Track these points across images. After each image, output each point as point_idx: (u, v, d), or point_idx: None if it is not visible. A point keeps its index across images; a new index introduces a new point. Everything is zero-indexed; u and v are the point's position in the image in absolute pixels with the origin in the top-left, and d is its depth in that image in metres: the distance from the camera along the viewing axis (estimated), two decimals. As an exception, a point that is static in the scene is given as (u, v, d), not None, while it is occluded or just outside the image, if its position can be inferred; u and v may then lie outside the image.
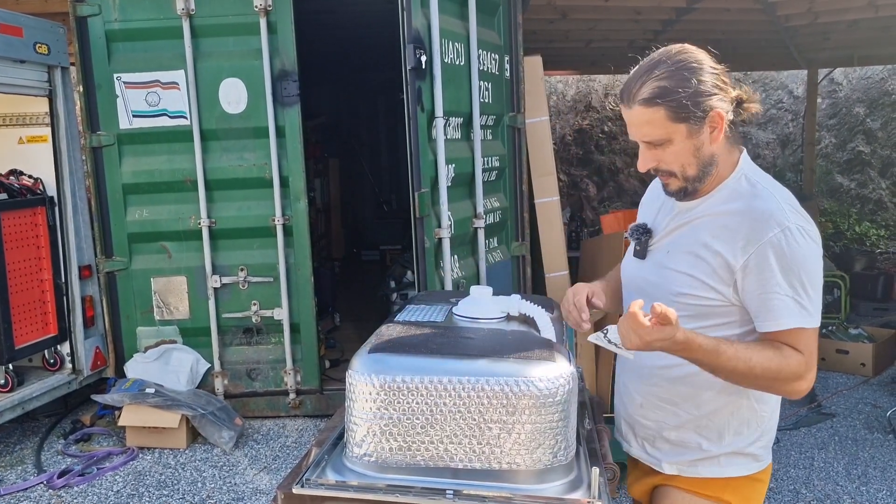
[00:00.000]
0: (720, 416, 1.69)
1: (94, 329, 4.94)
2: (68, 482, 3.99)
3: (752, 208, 1.59)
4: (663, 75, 1.56)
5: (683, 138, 1.58)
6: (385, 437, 1.44)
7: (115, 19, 4.59)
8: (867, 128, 11.08)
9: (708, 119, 1.57)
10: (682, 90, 1.54)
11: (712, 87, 1.57)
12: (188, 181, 4.68)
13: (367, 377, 1.44)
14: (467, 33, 4.70)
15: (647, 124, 1.59)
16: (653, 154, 1.63)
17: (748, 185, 1.64)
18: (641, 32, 7.54)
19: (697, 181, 1.64)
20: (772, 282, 1.54)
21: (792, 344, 1.55)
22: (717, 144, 1.61)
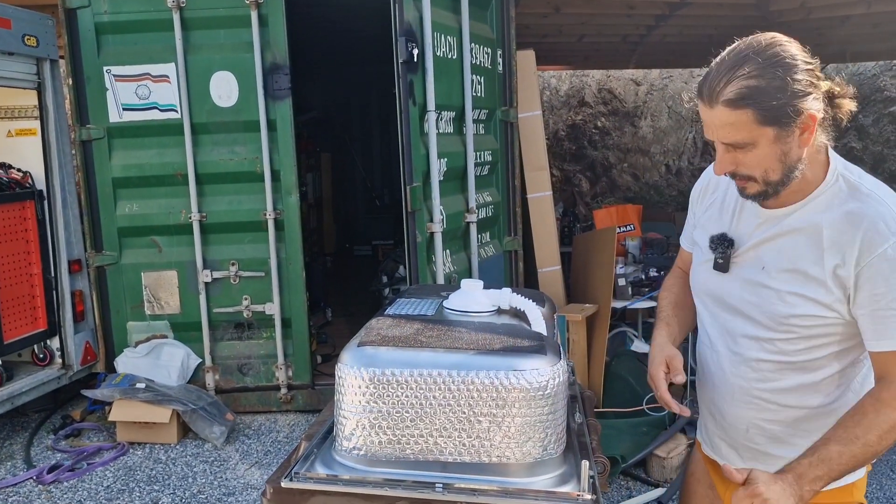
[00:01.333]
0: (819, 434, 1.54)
1: (84, 324, 4.91)
2: (58, 477, 3.97)
3: (860, 215, 1.44)
4: (753, 73, 1.39)
5: (770, 142, 1.43)
6: (374, 431, 1.43)
7: (104, 11, 4.56)
8: (859, 124, 11.13)
9: (800, 121, 1.41)
10: (773, 91, 1.38)
11: (807, 85, 1.41)
12: (179, 175, 4.66)
13: (357, 370, 1.43)
14: (460, 27, 4.68)
15: (731, 126, 1.43)
16: (732, 157, 1.48)
17: (849, 189, 1.49)
18: (634, 27, 7.54)
19: (781, 185, 1.49)
20: (888, 297, 1.41)
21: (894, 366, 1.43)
22: (806, 146, 1.45)
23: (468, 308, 1.74)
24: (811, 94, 1.41)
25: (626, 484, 3.83)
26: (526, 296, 1.78)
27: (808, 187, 1.52)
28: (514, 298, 1.75)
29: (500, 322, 1.69)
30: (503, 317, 1.74)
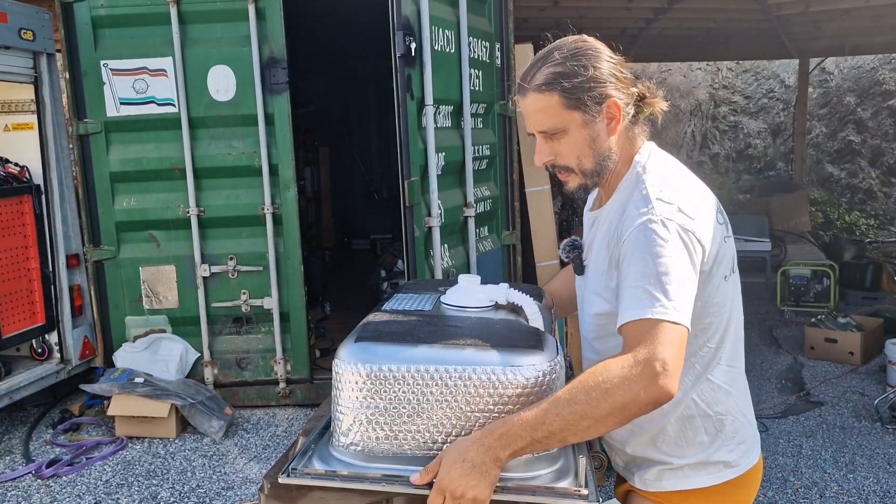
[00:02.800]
0: (672, 428, 1.59)
1: (83, 318, 4.91)
2: (57, 472, 3.98)
3: (627, 203, 1.52)
4: (558, 61, 1.51)
5: (578, 127, 1.52)
6: (371, 427, 1.43)
7: (101, 5, 4.54)
8: (858, 117, 11.12)
9: (605, 107, 1.51)
10: (576, 76, 1.49)
11: (608, 75, 1.51)
12: (176, 169, 4.65)
13: (354, 366, 1.43)
14: (457, 20, 4.67)
15: (542, 112, 1.53)
16: (549, 147, 1.57)
17: (635, 179, 1.55)
18: (633, 21, 7.53)
19: (596, 175, 1.58)
20: (627, 274, 1.44)
21: (635, 337, 1.38)
22: (614, 137, 1.55)
23: (465, 304, 1.74)
24: (613, 83, 1.51)
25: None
26: (524, 291, 1.78)
27: (616, 183, 1.60)
28: (512, 294, 1.75)
29: (497, 318, 1.69)
30: (500, 312, 1.74)
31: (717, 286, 1.55)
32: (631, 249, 1.45)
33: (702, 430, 1.60)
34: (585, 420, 1.32)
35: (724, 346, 1.60)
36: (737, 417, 1.63)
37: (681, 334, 1.38)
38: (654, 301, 1.38)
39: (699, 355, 1.58)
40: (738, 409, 1.64)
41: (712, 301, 1.55)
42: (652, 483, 1.64)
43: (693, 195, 1.52)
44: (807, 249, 8.02)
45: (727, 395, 1.61)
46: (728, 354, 1.61)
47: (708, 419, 1.59)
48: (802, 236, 8.46)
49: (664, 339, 1.35)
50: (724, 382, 1.61)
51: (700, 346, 1.57)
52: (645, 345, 1.35)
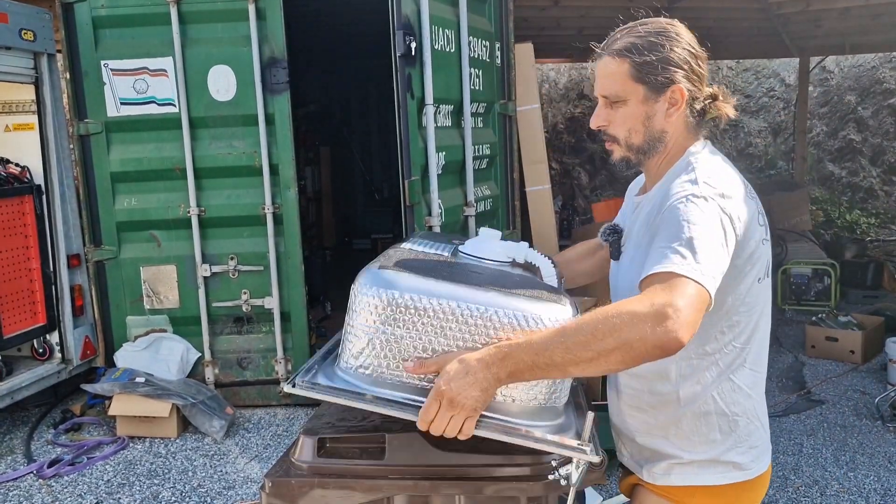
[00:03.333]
0: (686, 422, 1.60)
1: (84, 318, 4.91)
2: (58, 472, 3.98)
3: (671, 184, 1.53)
4: (640, 34, 1.55)
5: (639, 101, 1.55)
6: (384, 352, 1.41)
7: (101, 5, 4.54)
8: (858, 116, 11.12)
9: (669, 91, 1.54)
10: (651, 52, 1.52)
11: (683, 61, 1.53)
12: (177, 169, 4.65)
13: (376, 290, 1.41)
14: (458, 20, 4.67)
15: (609, 77, 1.56)
16: (606, 113, 1.59)
17: (685, 166, 1.56)
18: (634, 20, 7.52)
19: (641, 153, 1.60)
20: (659, 238, 1.42)
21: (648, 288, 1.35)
22: (671, 123, 1.57)
23: (484, 255, 1.72)
24: (684, 71, 1.53)
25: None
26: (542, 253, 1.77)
27: (664, 171, 1.61)
28: (531, 253, 1.73)
29: (515, 272, 1.68)
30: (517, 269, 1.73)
31: (749, 286, 1.55)
32: (668, 218, 1.44)
33: (716, 428, 1.59)
34: (589, 351, 1.29)
35: (749, 348, 1.60)
36: (752, 421, 1.62)
37: (701, 295, 1.33)
38: (681, 259, 1.35)
39: (724, 353, 1.58)
40: (755, 413, 1.63)
41: (744, 300, 1.55)
42: (660, 477, 1.64)
43: (739, 190, 1.52)
44: (808, 248, 8.01)
45: (746, 398, 1.61)
46: (753, 357, 1.61)
47: (724, 418, 1.59)
48: (803, 235, 8.45)
49: (683, 292, 1.31)
50: (744, 384, 1.61)
51: (726, 344, 1.57)
52: (663, 291, 1.31)
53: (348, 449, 1.53)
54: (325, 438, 1.54)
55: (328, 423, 1.62)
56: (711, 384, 1.58)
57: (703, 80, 1.58)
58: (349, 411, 1.68)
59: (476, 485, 1.45)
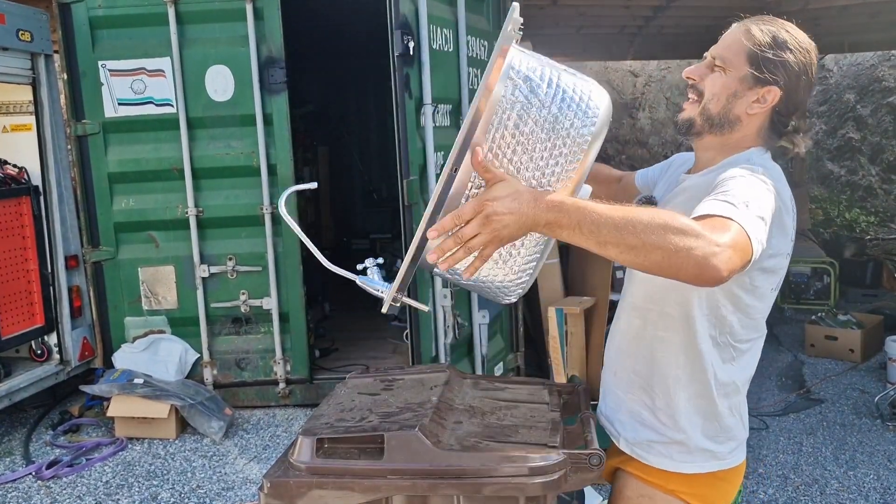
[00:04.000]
0: (677, 399, 1.63)
1: (82, 319, 4.90)
2: (57, 473, 3.97)
3: (728, 164, 1.57)
4: (787, 31, 1.60)
5: (737, 77, 1.58)
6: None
7: (98, 6, 4.54)
8: (857, 114, 11.12)
9: (764, 88, 1.57)
10: (776, 49, 1.57)
11: (795, 76, 1.58)
12: (175, 170, 4.64)
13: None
14: (456, 19, 4.66)
15: (729, 43, 1.61)
16: (704, 70, 1.63)
17: (745, 159, 1.60)
18: (632, 18, 7.53)
19: (708, 122, 1.61)
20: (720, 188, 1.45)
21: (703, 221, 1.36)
22: (749, 117, 1.60)
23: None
24: (791, 83, 1.57)
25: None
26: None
27: (721, 157, 1.63)
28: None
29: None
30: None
31: (766, 290, 1.60)
32: (729, 177, 1.46)
33: (702, 414, 1.64)
34: (635, 237, 1.27)
35: (749, 351, 1.65)
36: (735, 415, 1.67)
37: (746, 248, 1.33)
38: (734, 210, 1.36)
39: (733, 347, 1.62)
40: (740, 410, 1.69)
41: (757, 304, 1.60)
42: (638, 451, 1.68)
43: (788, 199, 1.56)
44: (807, 247, 8.00)
45: (736, 393, 1.66)
46: (748, 359, 1.66)
47: (713, 406, 1.64)
48: (802, 234, 8.44)
49: (735, 236, 1.31)
50: (739, 380, 1.66)
51: (737, 339, 1.62)
52: (724, 229, 1.32)
53: (347, 449, 1.52)
54: (324, 439, 1.53)
55: (327, 423, 1.61)
56: (712, 372, 1.62)
57: (800, 107, 1.62)
58: (348, 412, 1.68)
59: (474, 485, 1.45)
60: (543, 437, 1.56)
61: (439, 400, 1.65)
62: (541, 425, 1.62)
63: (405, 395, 1.72)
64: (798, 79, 1.58)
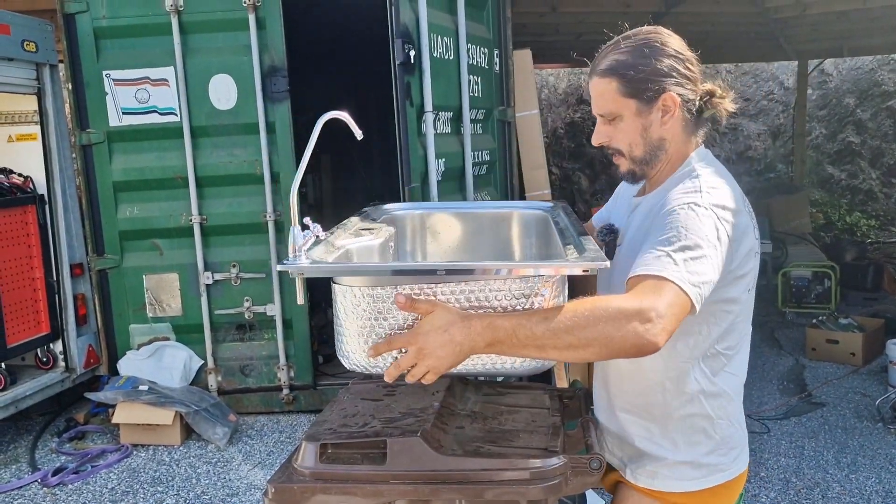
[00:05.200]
0: (673, 424, 1.63)
1: (87, 327, 4.93)
2: (62, 480, 4.00)
3: (674, 189, 1.55)
4: (623, 50, 1.57)
5: (633, 115, 1.57)
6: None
7: (103, 16, 4.58)
8: (857, 118, 11.14)
9: (660, 100, 1.56)
10: (636, 66, 1.54)
11: (670, 69, 1.55)
12: (179, 178, 4.68)
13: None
14: (456, 27, 4.70)
15: (601, 96, 1.59)
16: (605, 129, 1.62)
17: (687, 173, 1.59)
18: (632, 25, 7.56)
19: (645, 164, 1.62)
20: (653, 238, 1.45)
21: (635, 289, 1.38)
22: (668, 130, 1.59)
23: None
24: (674, 78, 1.55)
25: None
26: None
27: (664, 177, 1.63)
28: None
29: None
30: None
31: (740, 293, 1.58)
32: (666, 221, 1.46)
33: (701, 431, 1.63)
34: (570, 336, 1.31)
35: (736, 355, 1.64)
36: (733, 424, 1.66)
37: (684, 304, 1.37)
38: (672, 264, 1.38)
39: (713, 358, 1.61)
40: (737, 417, 1.68)
41: (735, 308, 1.59)
42: (643, 479, 1.67)
43: (738, 201, 1.55)
44: (808, 251, 8.03)
45: (729, 402, 1.64)
46: (737, 363, 1.65)
47: (709, 421, 1.63)
48: (803, 237, 8.47)
49: (669, 298, 1.34)
50: (729, 388, 1.64)
51: (716, 350, 1.61)
52: (651, 294, 1.34)
53: (350, 454, 1.54)
54: (327, 444, 1.55)
55: (330, 428, 1.64)
56: (699, 389, 1.61)
57: (696, 81, 1.59)
58: (351, 417, 1.70)
59: (476, 489, 1.47)
60: (544, 441, 1.58)
61: (441, 405, 1.67)
62: (542, 430, 1.64)
63: (407, 400, 1.74)
64: (671, 66, 1.55)
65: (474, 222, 1.99)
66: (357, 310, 1.40)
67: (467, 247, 1.98)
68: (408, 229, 1.98)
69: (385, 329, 1.39)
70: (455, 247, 1.98)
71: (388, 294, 1.38)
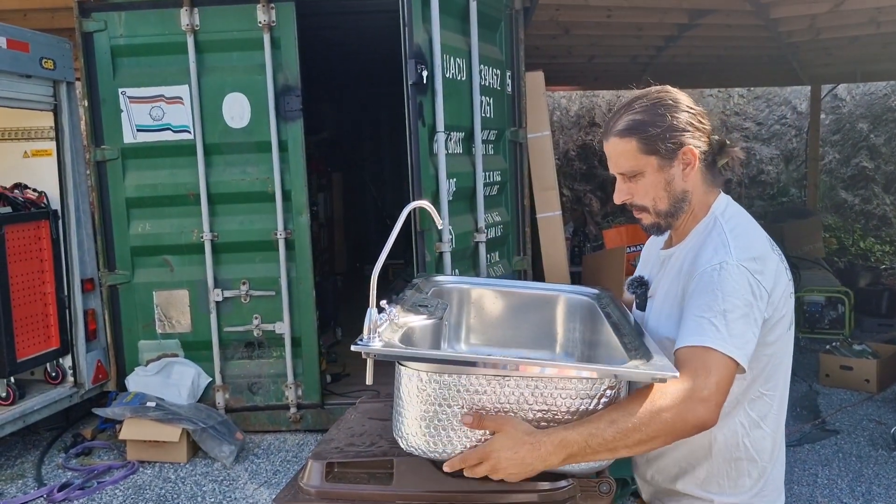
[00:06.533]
0: (718, 467, 1.64)
1: (96, 342, 4.94)
2: (68, 496, 3.98)
3: (704, 244, 1.61)
4: (638, 110, 1.62)
5: (655, 171, 1.62)
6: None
7: (120, 35, 4.64)
8: (871, 143, 11.09)
9: (680, 154, 1.61)
10: (655, 124, 1.60)
11: (686, 124, 1.61)
12: (191, 195, 4.71)
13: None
14: (469, 49, 4.72)
15: (621, 156, 1.63)
16: (627, 187, 1.66)
17: (713, 224, 1.65)
18: (644, 48, 7.58)
19: (670, 216, 1.67)
20: (693, 305, 1.52)
21: (689, 361, 1.45)
22: (690, 181, 1.64)
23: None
24: (690, 132, 1.61)
25: (636, 506, 3.80)
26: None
27: (690, 227, 1.69)
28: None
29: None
30: None
31: (778, 338, 1.61)
32: (702, 285, 1.52)
33: (746, 474, 1.64)
34: (637, 434, 1.39)
35: (777, 395, 1.66)
36: (775, 465, 1.69)
37: (730, 368, 1.45)
38: (715, 331, 1.46)
39: (757, 402, 1.63)
40: (779, 458, 1.70)
41: (775, 352, 1.62)
42: None
43: (766, 248, 1.60)
44: (821, 275, 7.96)
45: (773, 443, 1.66)
46: (778, 404, 1.67)
47: (754, 464, 1.64)
48: (816, 262, 8.40)
49: (717, 373, 1.43)
50: (771, 430, 1.66)
51: (759, 394, 1.63)
52: (699, 372, 1.43)
53: (356, 474, 1.53)
54: (334, 463, 1.54)
55: (337, 447, 1.62)
56: (744, 432, 1.63)
57: (708, 133, 1.65)
58: (358, 437, 1.69)
59: (484, 511, 1.45)
60: (553, 464, 1.55)
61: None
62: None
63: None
64: (688, 121, 1.61)
65: (519, 301, 2.04)
66: (422, 394, 1.41)
67: (511, 324, 2.02)
68: (454, 302, 2.03)
69: (448, 416, 1.40)
70: (499, 323, 2.04)
71: (454, 382, 1.39)
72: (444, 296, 2.03)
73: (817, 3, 5.84)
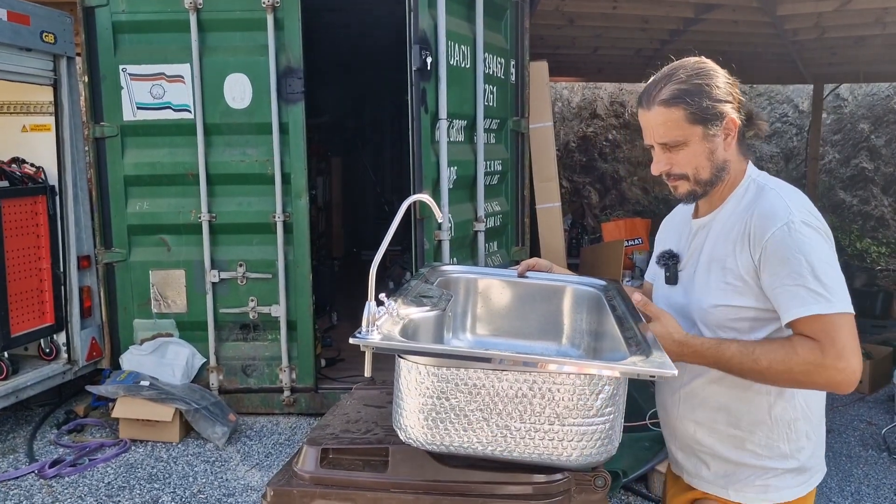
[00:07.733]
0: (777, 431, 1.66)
1: (91, 320, 4.93)
2: (59, 472, 3.99)
3: (758, 208, 1.63)
4: (682, 79, 1.63)
5: (699, 140, 1.63)
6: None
7: (122, 10, 4.60)
8: (871, 144, 11.09)
9: (723, 124, 1.63)
10: (700, 93, 1.61)
11: (727, 94, 1.63)
12: (190, 175, 4.68)
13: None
14: (474, 36, 4.70)
15: (664, 125, 1.63)
16: (667, 157, 1.67)
17: (756, 189, 1.68)
18: (648, 41, 7.55)
19: (709, 185, 1.68)
20: (780, 275, 1.55)
21: (808, 333, 1.52)
22: (730, 151, 1.67)
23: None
24: (731, 102, 1.64)
25: (626, 499, 3.81)
26: None
27: (726, 194, 1.72)
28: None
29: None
30: None
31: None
32: (778, 252, 1.56)
33: (803, 434, 1.68)
34: (763, 377, 1.56)
35: None
36: (822, 424, 1.73)
37: (849, 320, 1.52)
38: (816, 296, 1.52)
39: None
40: (823, 417, 1.74)
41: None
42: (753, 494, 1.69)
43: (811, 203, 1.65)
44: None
45: (819, 402, 1.71)
46: None
47: (808, 422, 1.69)
48: (813, 262, 8.41)
49: (839, 335, 1.50)
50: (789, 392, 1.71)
51: None
52: (827, 338, 1.50)
53: (351, 460, 1.53)
54: (329, 449, 1.54)
55: (332, 433, 1.62)
56: (799, 391, 1.66)
57: (741, 103, 1.67)
58: (353, 423, 1.68)
59: (478, 502, 1.45)
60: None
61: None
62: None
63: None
64: (728, 91, 1.64)
65: (526, 291, 2.04)
66: (420, 387, 1.40)
67: (518, 314, 2.03)
68: (461, 292, 2.04)
69: (446, 409, 1.40)
70: (506, 313, 2.05)
71: (452, 375, 1.39)
72: (451, 286, 2.03)
73: (824, 1, 5.81)
